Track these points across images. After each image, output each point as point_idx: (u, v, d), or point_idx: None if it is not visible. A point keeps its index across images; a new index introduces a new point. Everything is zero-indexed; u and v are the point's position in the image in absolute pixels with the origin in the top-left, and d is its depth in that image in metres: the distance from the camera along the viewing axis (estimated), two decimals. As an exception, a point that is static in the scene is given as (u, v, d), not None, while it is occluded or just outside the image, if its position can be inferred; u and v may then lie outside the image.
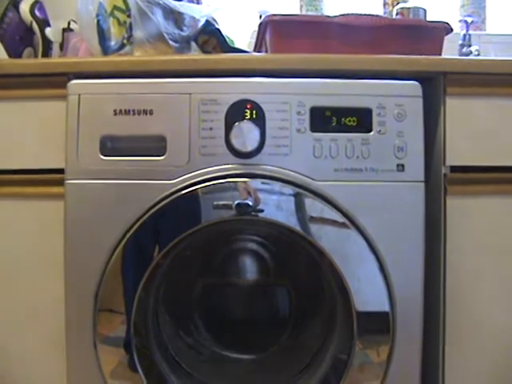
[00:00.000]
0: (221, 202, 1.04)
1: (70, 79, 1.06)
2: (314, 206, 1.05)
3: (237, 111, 1.04)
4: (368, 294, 1.04)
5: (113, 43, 1.15)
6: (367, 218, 1.05)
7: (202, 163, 1.05)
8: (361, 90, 1.06)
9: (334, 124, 1.05)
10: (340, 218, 1.05)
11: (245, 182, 1.05)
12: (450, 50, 1.45)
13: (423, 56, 1.10)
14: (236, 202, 1.04)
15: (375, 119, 1.05)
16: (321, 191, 1.05)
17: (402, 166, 1.05)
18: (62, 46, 1.37)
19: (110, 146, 1.04)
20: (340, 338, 1.09)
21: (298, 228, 1.05)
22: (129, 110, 1.03)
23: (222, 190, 1.05)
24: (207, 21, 1.17)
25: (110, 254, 1.03)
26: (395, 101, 1.05)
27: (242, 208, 1.04)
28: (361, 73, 1.08)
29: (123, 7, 1.13)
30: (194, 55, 1.16)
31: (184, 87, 1.05)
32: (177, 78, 1.05)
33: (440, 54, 1.22)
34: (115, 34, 1.15)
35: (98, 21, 1.15)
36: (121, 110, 1.03)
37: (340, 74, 1.07)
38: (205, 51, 1.17)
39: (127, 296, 1.03)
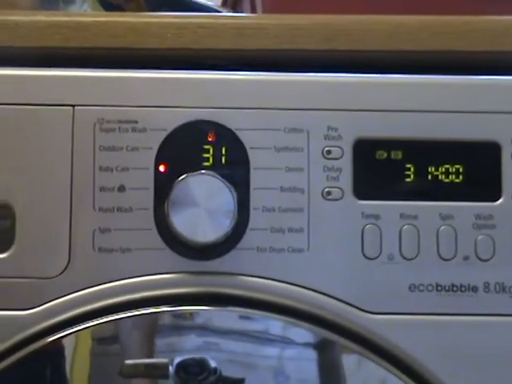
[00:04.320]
0: (142, 361, 0.44)
1: None
2: (365, 374, 0.45)
3: (184, 149, 0.45)
4: None
5: None
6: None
7: (98, 270, 0.45)
8: (473, 102, 0.46)
9: (409, 179, 0.46)
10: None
11: (198, 312, 0.45)
12: None
13: None
14: (177, 361, 0.44)
15: (508, 169, 0.45)
16: (382, 339, 0.44)
17: None
18: None
19: None
20: None
21: None
22: None
23: (143, 333, 0.45)
24: None
25: None
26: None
27: (190, 376, 0.44)
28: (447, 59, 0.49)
29: None
30: (75, 14, 0.57)
31: (57, 91, 0.45)
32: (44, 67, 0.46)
33: None
34: None
35: None
36: None
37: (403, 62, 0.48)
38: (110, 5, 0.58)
39: None
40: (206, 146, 0.45)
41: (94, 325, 0.44)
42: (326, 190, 0.45)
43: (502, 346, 0.45)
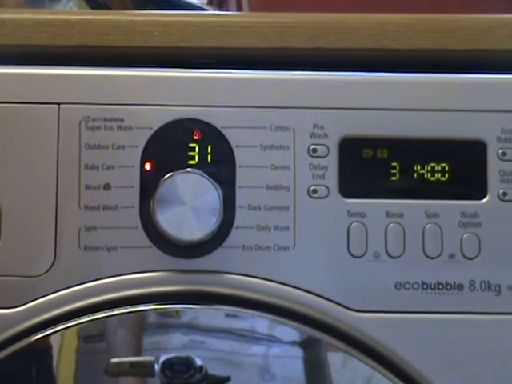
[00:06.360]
0: (127, 359, 0.44)
1: None
2: (351, 372, 0.45)
3: (170, 147, 0.45)
4: None
5: None
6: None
7: (84, 268, 0.45)
8: (458, 100, 0.46)
9: (395, 178, 0.46)
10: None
11: (184, 311, 0.45)
12: None
13: None
14: (163, 359, 0.44)
15: (494, 168, 0.46)
16: (368, 337, 0.44)
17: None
18: None
19: None
20: None
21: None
22: None
23: (129, 331, 0.45)
24: None
25: None
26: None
27: (176, 374, 0.44)
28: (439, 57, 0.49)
29: None
30: (61, 12, 0.57)
31: (42, 89, 0.45)
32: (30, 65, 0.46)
33: None
34: None
35: None
36: None
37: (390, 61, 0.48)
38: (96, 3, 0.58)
39: None
40: (192, 144, 0.45)
41: (80, 323, 0.44)
42: (312, 188, 0.45)
43: (487, 344, 0.45)
